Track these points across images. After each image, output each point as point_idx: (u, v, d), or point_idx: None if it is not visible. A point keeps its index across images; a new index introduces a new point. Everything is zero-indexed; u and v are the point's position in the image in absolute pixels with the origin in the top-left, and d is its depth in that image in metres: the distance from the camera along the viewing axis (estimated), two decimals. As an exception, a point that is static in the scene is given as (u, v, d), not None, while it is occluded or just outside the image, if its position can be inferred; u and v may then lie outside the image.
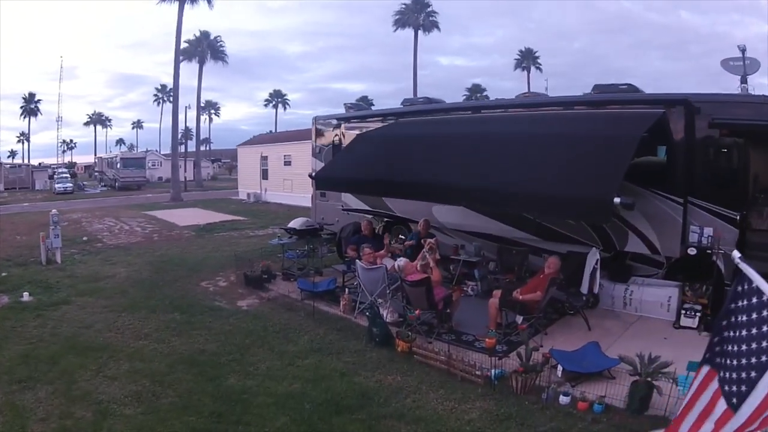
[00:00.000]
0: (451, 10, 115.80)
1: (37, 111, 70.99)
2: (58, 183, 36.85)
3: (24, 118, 70.39)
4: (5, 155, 71.55)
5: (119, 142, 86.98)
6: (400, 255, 8.12)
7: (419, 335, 6.43)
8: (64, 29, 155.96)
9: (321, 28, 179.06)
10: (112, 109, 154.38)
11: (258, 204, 25.54)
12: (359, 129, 11.11)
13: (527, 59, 54.19)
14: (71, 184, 37.73)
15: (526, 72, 54.09)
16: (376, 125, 10.76)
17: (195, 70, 42.25)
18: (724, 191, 6.87)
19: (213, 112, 76.49)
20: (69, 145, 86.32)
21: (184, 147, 51.20)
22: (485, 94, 51.31)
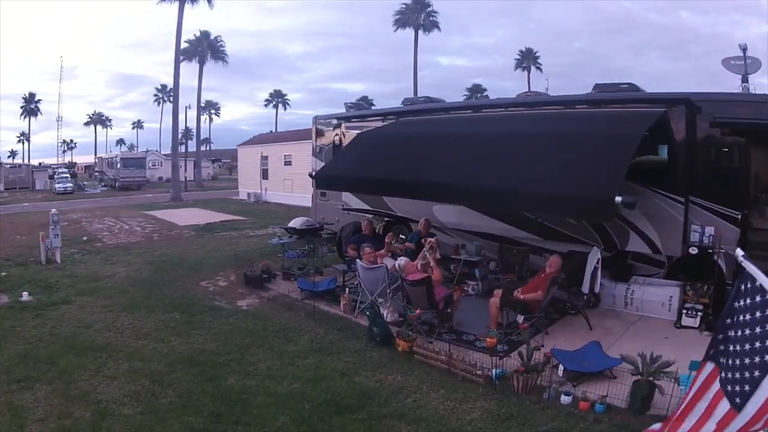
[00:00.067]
0: (452, 10, 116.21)
1: (38, 111, 71.15)
2: (58, 183, 36.89)
3: (24, 118, 70.58)
4: (5, 155, 71.83)
5: (119, 142, 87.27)
6: (400, 254, 8.09)
7: (420, 335, 6.41)
8: (64, 29, 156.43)
9: (321, 28, 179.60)
10: (112, 109, 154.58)
11: (258, 204, 25.53)
12: (359, 128, 11.07)
13: (527, 59, 54.21)
14: (71, 184, 37.78)
15: (526, 72, 54.14)
16: (376, 125, 10.73)
17: (195, 70, 42.42)
18: (725, 190, 6.86)
19: (213, 112, 76.62)
20: (69, 145, 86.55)
21: (184, 147, 51.36)
22: (485, 94, 51.25)
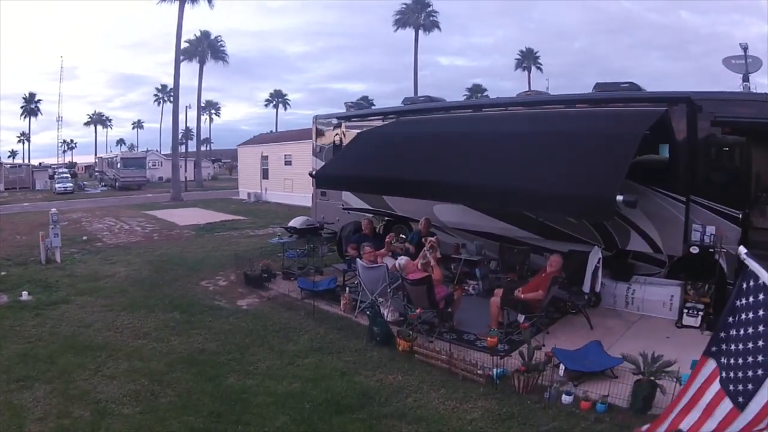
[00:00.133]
0: (452, 10, 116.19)
1: (38, 111, 71.11)
2: (58, 183, 36.88)
3: (24, 118, 70.55)
4: (6, 155, 71.83)
5: (120, 142, 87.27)
6: (400, 254, 8.08)
7: (420, 334, 6.39)
8: (64, 29, 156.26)
9: (322, 28, 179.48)
10: (112, 109, 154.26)
11: (258, 204, 25.52)
12: (360, 128, 11.06)
13: (528, 59, 54.20)
14: (71, 184, 37.80)
15: (526, 72, 54.11)
16: (376, 124, 10.72)
17: (195, 70, 42.37)
18: (726, 189, 6.84)
19: (213, 112, 76.59)
20: (69, 145, 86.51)
21: (184, 147, 51.31)
22: (486, 94, 51.18)
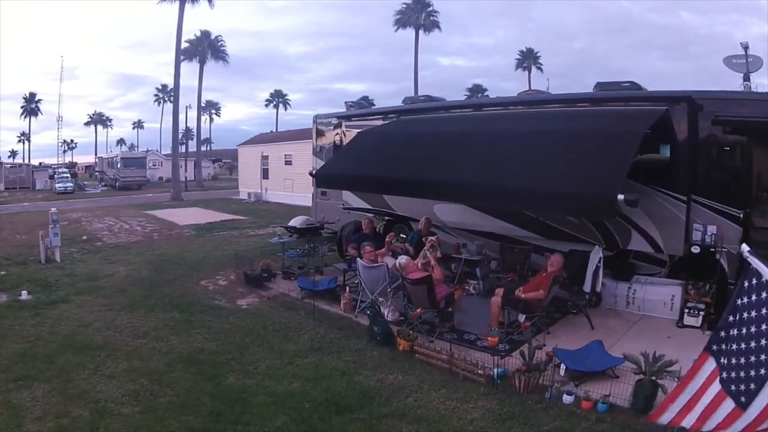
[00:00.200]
0: (452, 10, 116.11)
1: (38, 111, 71.00)
2: (58, 183, 36.87)
3: (24, 118, 70.44)
4: (6, 155, 71.67)
5: (120, 142, 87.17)
6: (401, 253, 8.06)
7: (421, 334, 6.37)
8: (64, 29, 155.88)
9: (322, 28, 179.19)
10: (112, 110, 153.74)
11: (258, 203, 25.50)
12: (360, 127, 11.04)
13: (528, 59, 54.20)
14: (72, 183, 37.78)
15: (527, 72, 54.11)
16: (377, 123, 10.72)
17: (196, 70, 42.32)
18: (727, 189, 6.83)
19: (214, 112, 76.53)
20: (70, 145, 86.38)
21: (184, 147, 51.31)
22: (486, 94, 51.08)
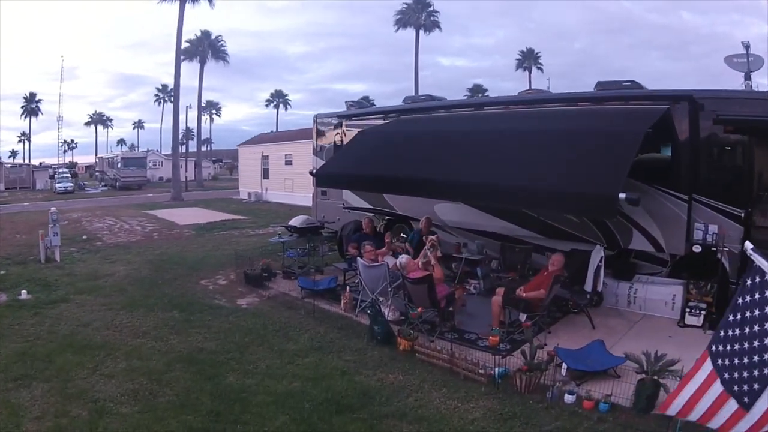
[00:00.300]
0: (452, 10, 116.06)
1: (38, 111, 70.94)
2: (58, 183, 36.89)
3: (25, 118, 70.40)
4: (6, 155, 71.72)
5: (120, 142, 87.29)
6: (401, 253, 8.04)
7: (421, 333, 6.35)
8: (64, 29, 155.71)
9: (322, 28, 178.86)
10: (113, 110, 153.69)
11: (259, 203, 25.50)
12: (360, 127, 11.02)
13: (529, 59, 54.20)
14: (72, 183, 37.81)
15: (527, 72, 54.10)
16: (377, 123, 10.70)
17: (196, 70, 42.43)
18: (728, 188, 6.81)
19: (214, 112, 76.56)
20: (70, 145, 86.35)
21: (185, 147, 51.26)
22: (486, 94, 50.98)
